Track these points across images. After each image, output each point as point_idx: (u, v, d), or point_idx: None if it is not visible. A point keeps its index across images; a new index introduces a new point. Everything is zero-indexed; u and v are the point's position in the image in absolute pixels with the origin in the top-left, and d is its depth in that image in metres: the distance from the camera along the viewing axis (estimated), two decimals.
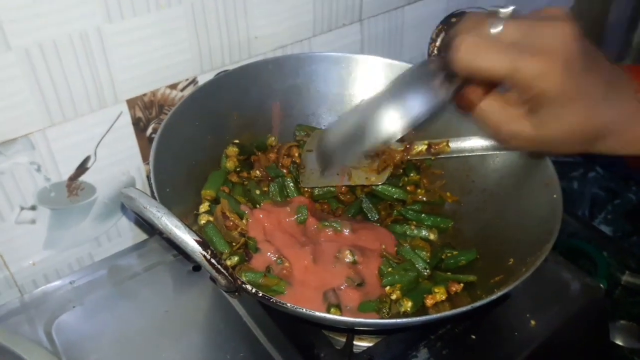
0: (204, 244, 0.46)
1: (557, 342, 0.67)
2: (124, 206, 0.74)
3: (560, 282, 0.72)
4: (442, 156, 0.72)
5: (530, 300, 0.69)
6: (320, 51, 0.82)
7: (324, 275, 0.61)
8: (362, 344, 0.64)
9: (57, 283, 0.72)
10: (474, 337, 0.65)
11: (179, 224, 0.46)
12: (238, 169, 0.72)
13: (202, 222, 0.64)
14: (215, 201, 0.67)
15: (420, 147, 0.73)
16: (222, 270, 0.47)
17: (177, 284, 0.72)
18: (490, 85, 0.50)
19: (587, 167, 1.17)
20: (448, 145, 0.71)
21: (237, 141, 0.73)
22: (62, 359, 0.63)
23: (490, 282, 0.60)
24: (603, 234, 1.00)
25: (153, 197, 0.54)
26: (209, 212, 0.66)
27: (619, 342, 0.81)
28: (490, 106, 0.50)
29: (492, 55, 0.44)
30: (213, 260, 0.46)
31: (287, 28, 0.78)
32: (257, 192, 0.70)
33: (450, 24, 0.76)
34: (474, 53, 0.45)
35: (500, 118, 0.50)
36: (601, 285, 0.72)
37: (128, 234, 0.79)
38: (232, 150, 0.72)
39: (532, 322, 0.67)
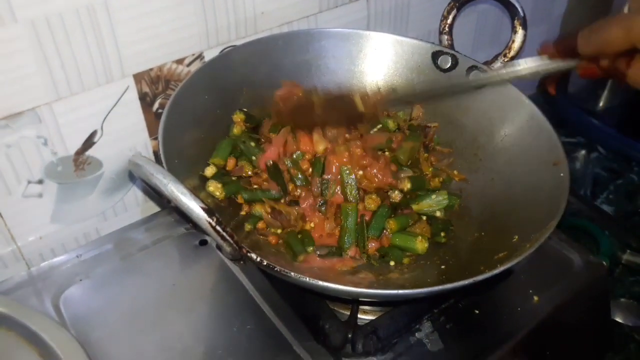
0: (209, 211, 0.46)
1: (559, 318, 0.68)
2: (133, 177, 0.74)
3: (564, 260, 0.73)
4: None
5: (534, 277, 0.69)
6: (329, 27, 0.82)
7: None
8: (366, 317, 0.65)
9: (63, 257, 0.72)
10: (477, 311, 0.66)
11: (185, 191, 0.46)
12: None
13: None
14: (223, 168, 0.68)
15: None
16: (227, 238, 0.47)
17: (184, 258, 0.73)
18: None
19: (589, 147, 1.17)
20: None
21: (244, 109, 0.73)
22: (70, 331, 0.63)
23: (494, 258, 0.60)
24: (605, 214, 1.01)
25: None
26: (217, 176, 0.66)
27: (619, 320, 0.82)
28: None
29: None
30: (218, 228, 0.46)
31: (294, 4, 0.77)
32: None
33: (460, 1, 0.76)
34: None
35: None
36: (604, 263, 0.72)
37: (134, 208, 0.79)
38: (239, 116, 0.72)
39: (535, 298, 0.68)
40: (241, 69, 0.72)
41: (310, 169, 0.68)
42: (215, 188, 0.65)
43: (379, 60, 0.77)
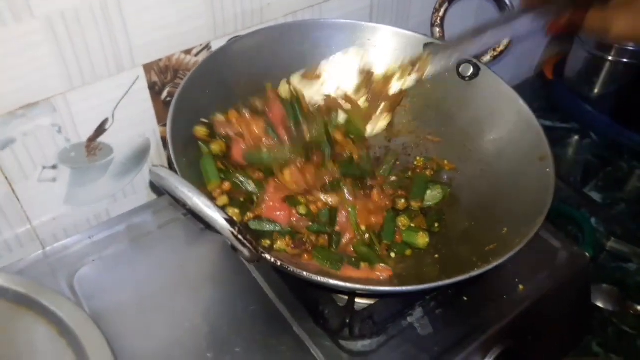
0: (231, 221, 0.49)
1: (542, 306, 0.72)
2: (141, 162, 0.77)
3: (549, 250, 0.77)
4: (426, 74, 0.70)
5: (520, 267, 0.73)
6: (333, 18, 0.83)
7: None
8: (363, 301, 0.69)
9: (76, 237, 0.76)
10: (465, 298, 0.71)
11: (209, 202, 0.49)
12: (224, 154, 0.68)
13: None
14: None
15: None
16: (247, 244, 0.50)
17: (190, 240, 0.77)
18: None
19: (582, 133, 1.20)
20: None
21: (205, 120, 0.68)
22: (85, 309, 0.67)
23: (485, 249, 0.63)
24: (593, 201, 1.04)
25: (172, 168, 0.56)
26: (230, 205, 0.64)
27: (600, 305, 0.87)
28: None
29: None
30: (240, 236, 0.49)
31: None
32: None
33: None
34: None
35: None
36: (587, 254, 0.76)
37: (143, 191, 0.82)
38: (201, 130, 0.67)
39: (521, 287, 0.72)
40: (245, 60, 0.73)
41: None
42: (233, 213, 0.63)
43: (383, 52, 0.78)
